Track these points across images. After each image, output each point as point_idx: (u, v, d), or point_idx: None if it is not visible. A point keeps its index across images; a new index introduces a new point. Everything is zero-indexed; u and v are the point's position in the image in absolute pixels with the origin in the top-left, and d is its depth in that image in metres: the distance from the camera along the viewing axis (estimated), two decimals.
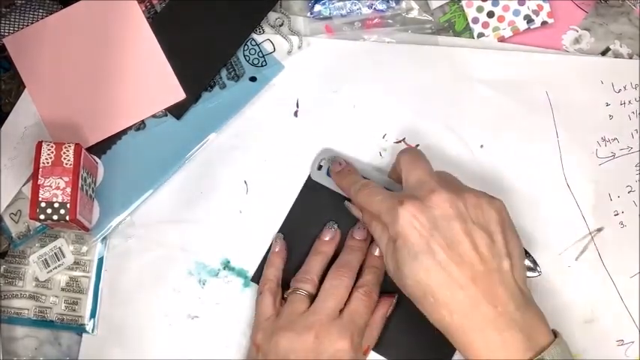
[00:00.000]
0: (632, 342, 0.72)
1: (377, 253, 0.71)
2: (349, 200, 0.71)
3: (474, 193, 0.63)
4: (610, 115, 0.75)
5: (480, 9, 0.77)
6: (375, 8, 0.77)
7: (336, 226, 0.73)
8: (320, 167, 0.74)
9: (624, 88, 0.75)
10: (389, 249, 0.63)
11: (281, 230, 0.74)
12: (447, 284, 0.59)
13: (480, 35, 0.77)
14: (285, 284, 0.71)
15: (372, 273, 0.70)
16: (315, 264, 0.71)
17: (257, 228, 0.74)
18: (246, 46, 0.76)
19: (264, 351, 0.67)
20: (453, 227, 0.60)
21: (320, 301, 0.68)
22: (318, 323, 0.66)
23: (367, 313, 0.68)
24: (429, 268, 0.59)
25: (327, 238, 0.72)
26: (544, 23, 0.77)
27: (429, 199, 0.61)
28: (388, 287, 0.70)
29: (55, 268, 0.73)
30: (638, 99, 0.75)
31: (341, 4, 0.77)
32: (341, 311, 0.67)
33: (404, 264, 0.61)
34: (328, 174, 0.73)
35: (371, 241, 0.72)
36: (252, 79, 0.76)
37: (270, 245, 0.73)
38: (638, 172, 0.74)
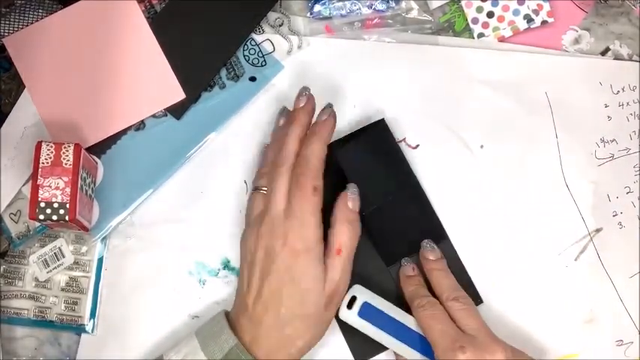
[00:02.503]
0: (632, 342, 0.72)
1: (324, 117, 0.69)
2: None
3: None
4: (609, 117, 0.75)
5: (479, 9, 0.77)
6: (374, 8, 0.77)
7: (285, 111, 0.73)
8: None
9: (622, 89, 0.76)
10: None
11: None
12: None
13: (480, 35, 0.77)
14: None
15: (309, 145, 0.67)
16: (271, 156, 0.69)
17: None
18: (245, 46, 0.76)
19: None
20: None
21: (268, 196, 0.67)
22: (264, 224, 0.66)
23: (305, 204, 0.65)
24: None
25: (281, 123, 0.72)
26: (544, 22, 0.77)
27: (492, 352, 0.63)
28: None
29: (55, 268, 0.73)
30: (636, 101, 0.75)
31: (341, 4, 0.76)
32: None
33: None
34: None
35: None
36: (252, 79, 0.76)
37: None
38: (636, 173, 0.75)
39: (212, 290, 0.73)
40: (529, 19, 0.77)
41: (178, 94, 0.74)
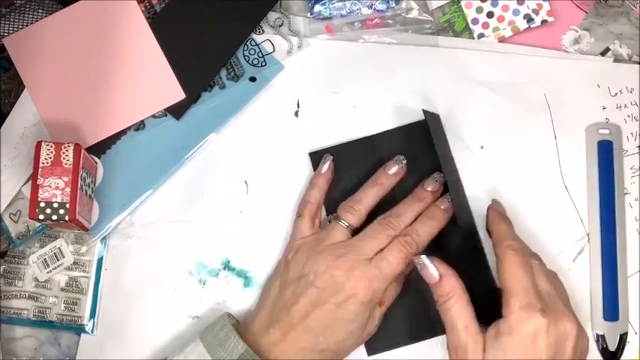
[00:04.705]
0: (629, 342, 0.72)
1: (443, 207, 0.69)
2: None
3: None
4: (607, 119, 0.75)
5: (479, 9, 0.77)
6: (375, 8, 0.77)
7: (404, 162, 0.71)
8: None
9: (620, 92, 0.76)
10: None
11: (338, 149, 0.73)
12: None
13: (481, 36, 0.77)
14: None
15: (425, 223, 0.67)
16: (368, 195, 0.69)
17: (257, 228, 0.73)
18: (245, 46, 0.76)
19: (289, 267, 0.67)
20: None
21: (358, 239, 0.66)
22: (346, 258, 0.64)
23: (398, 264, 0.65)
24: None
25: (391, 172, 0.70)
26: (544, 22, 0.77)
27: (564, 322, 0.61)
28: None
29: (55, 268, 0.73)
30: (634, 103, 0.75)
31: (341, 4, 0.76)
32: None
33: None
34: None
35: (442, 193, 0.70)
36: (252, 79, 0.76)
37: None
38: (634, 174, 0.75)
39: (212, 290, 0.73)
40: (529, 19, 0.77)
41: (178, 94, 0.74)
